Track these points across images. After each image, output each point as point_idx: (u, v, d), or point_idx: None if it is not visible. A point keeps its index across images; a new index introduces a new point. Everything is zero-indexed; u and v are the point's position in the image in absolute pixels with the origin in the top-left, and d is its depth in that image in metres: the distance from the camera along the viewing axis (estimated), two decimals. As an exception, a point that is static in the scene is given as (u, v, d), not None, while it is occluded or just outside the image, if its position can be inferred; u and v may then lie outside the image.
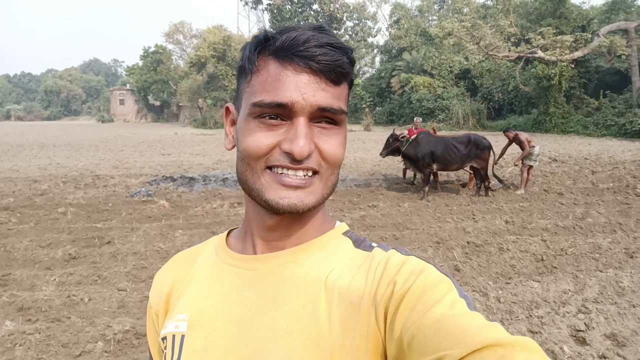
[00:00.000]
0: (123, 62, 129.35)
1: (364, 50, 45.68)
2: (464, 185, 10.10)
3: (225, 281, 0.67)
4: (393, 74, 36.01)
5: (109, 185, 10.06)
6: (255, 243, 0.68)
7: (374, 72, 42.49)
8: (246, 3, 47.63)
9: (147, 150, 19.18)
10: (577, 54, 21.99)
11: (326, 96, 0.59)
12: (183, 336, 0.65)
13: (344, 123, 0.63)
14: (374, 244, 0.67)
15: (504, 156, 10.31)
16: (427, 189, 8.64)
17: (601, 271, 4.76)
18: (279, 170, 0.59)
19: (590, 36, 22.91)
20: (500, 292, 4.31)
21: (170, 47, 51.76)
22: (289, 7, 44.00)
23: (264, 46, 0.60)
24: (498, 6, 28.77)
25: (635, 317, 3.66)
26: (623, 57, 22.83)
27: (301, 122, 0.58)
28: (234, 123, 0.68)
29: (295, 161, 0.58)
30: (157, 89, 51.87)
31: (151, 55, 50.89)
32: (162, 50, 50.99)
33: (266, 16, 47.80)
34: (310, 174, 0.60)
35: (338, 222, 0.73)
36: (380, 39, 58.91)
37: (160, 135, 29.16)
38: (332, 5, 44.18)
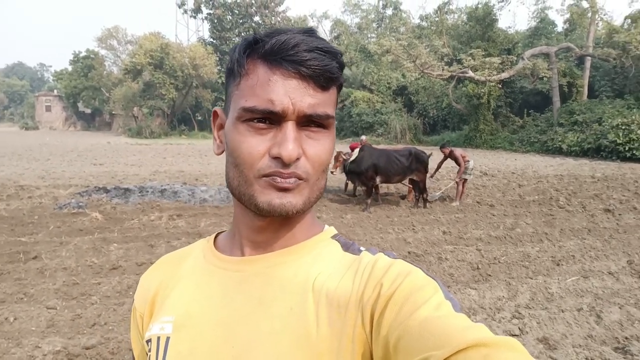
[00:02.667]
0: (50, 66, 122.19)
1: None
2: (403, 197, 10.40)
3: (213, 283, 0.67)
4: (333, 88, 36.59)
5: (34, 196, 9.39)
6: (243, 245, 0.68)
7: (314, 85, 42.97)
8: (185, 11, 46.78)
9: (77, 159, 18.13)
10: (504, 75, 23.52)
11: (314, 102, 0.59)
12: (168, 338, 0.65)
13: (332, 126, 0.64)
14: (362, 248, 0.67)
15: (439, 170, 10.73)
16: (369, 201, 8.82)
17: (531, 278, 5.06)
18: (271, 176, 0.60)
19: (515, 59, 24.61)
20: (440, 300, 4.46)
21: (103, 53, 49.36)
22: (230, 17, 43.67)
23: (253, 49, 0.60)
24: (432, 27, 30.29)
25: (564, 321, 3.92)
26: (545, 79, 24.65)
27: (289, 126, 0.58)
28: (221, 127, 0.68)
29: (285, 165, 0.58)
30: (88, 95, 49.23)
31: (82, 60, 48.34)
32: (94, 55, 48.57)
33: (206, 25, 47.16)
34: (298, 180, 0.61)
35: (327, 226, 0.73)
36: (321, 54, 59.71)
37: (91, 144, 27.69)
38: (273, 18, 44.39)
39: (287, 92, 0.57)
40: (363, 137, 10.81)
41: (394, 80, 34.15)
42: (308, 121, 0.60)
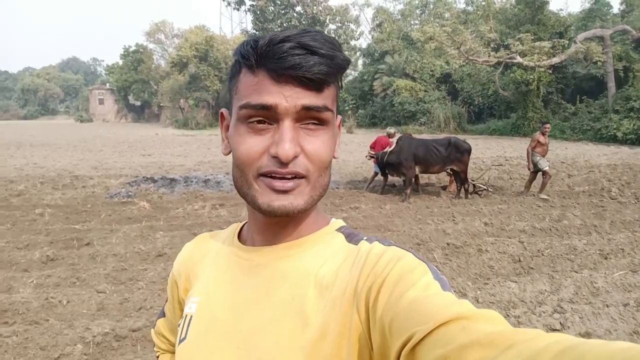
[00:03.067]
0: (103, 61, 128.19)
1: (346, 52, 45.77)
2: (444, 187, 10.22)
3: (229, 270, 0.73)
4: (375, 77, 36.20)
5: (87, 186, 9.91)
6: (254, 237, 0.73)
7: (356, 74, 42.64)
8: (229, 4, 47.40)
9: (127, 150, 18.92)
10: (555, 60, 22.47)
11: (310, 98, 0.60)
12: (192, 317, 0.71)
13: (332, 122, 0.64)
14: (364, 237, 0.69)
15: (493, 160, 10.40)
16: (409, 191, 8.74)
17: (576, 272, 4.89)
18: (270, 176, 0.61)
19: (567, 42, 23.45)
20: (478, 292, 4.40)
21: (151, 47, 51.09)
22: (272, 8, 43.89)
23: (249, 54, 0.61)
24: (478, 12, 29.30)
25: (608, 317, 3.77)
26: (599, 63, 23.36)
27: (286, 124, 0.60)
28: (228, 128, 0.70)
29: (283, 165, 0.59)
30: (138, 88, 51.17)
31: (132, 55, 50.21)
32: (143, 49, 50.30)
33: (249, 17, 47.66)
34: (297, 178, 0.62)
35: (333, 219, 0.75)
36: (363, 42, 59.17)
37: (140, 136, 28.79)
38: (315, 7, 44.25)
39: (280, 91, 0.59)
40: (391, 130, 9.97)
41: (437, 68, 33.35)
42: (306, 118, 0.61)
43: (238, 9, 47.33)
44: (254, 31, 45.20)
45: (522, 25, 26.27)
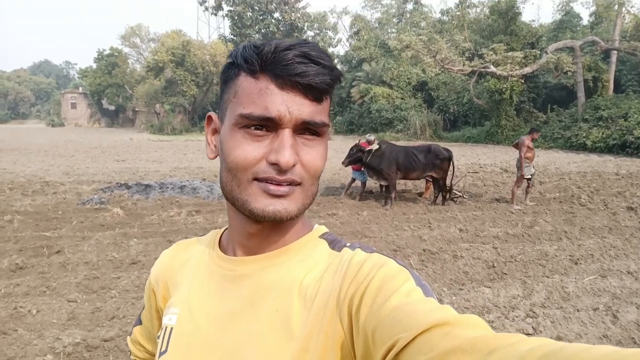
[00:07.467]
0: (76, 64, 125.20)
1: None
2: (420, 194, 10.34)
3: (212, 281, 0.71)
4: (353, 84, 36.46)
5: (58, 192, 9.66)
6: (235, 247, 0.71)
7: (334, 81, 42.88)
8: (206, 9, 47.18)
9: (101, 156, 18.54)
10: (527, 70, 23.07)
11: (310, 110, 0.61)
12: (172, 329, 0.70)
13: (326, 134, 0.66)
14: (347, 244, 0.69)
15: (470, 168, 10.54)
16: (393, 195, 8.81)
17: (548, 277, 4.99)
18: (265, 182, 0.61)
19: (539, 53, 24.11)
20: (454, 298, 4.45)
21: (126, 51, 50.32)
22: (250, 14, 43.85)
23: (253, 58, 0.61)
24: (453, 22, 29.89)
25: (579, 321, 3.87)
26: (569, 73, 24.07)
27: (286, 133, 0.60)
28: (215, 132, 0.70)
29: (281, 172, 0.60)
30: (112, 92, 50.22)
31: (106, 58, 49.32)
32: (118, 53, 49.49)
33: (226, 22, 47.47)
34: (292, 185, 0.62)
35: (316, 225, 0.75)
36: (341, 49, 59.54)
37: (114, 141, 28.26)
38: (293, 14, 44.40)
39: (284, 100, 0.59)
40: (371, 137, 9.48)
41: (414, 76, 33.85)
42: (304, 129, 0.62)
43: (216, 14, 47.17)
44: (232, 37, 45.06)
45: (496, 36, 26.89)
